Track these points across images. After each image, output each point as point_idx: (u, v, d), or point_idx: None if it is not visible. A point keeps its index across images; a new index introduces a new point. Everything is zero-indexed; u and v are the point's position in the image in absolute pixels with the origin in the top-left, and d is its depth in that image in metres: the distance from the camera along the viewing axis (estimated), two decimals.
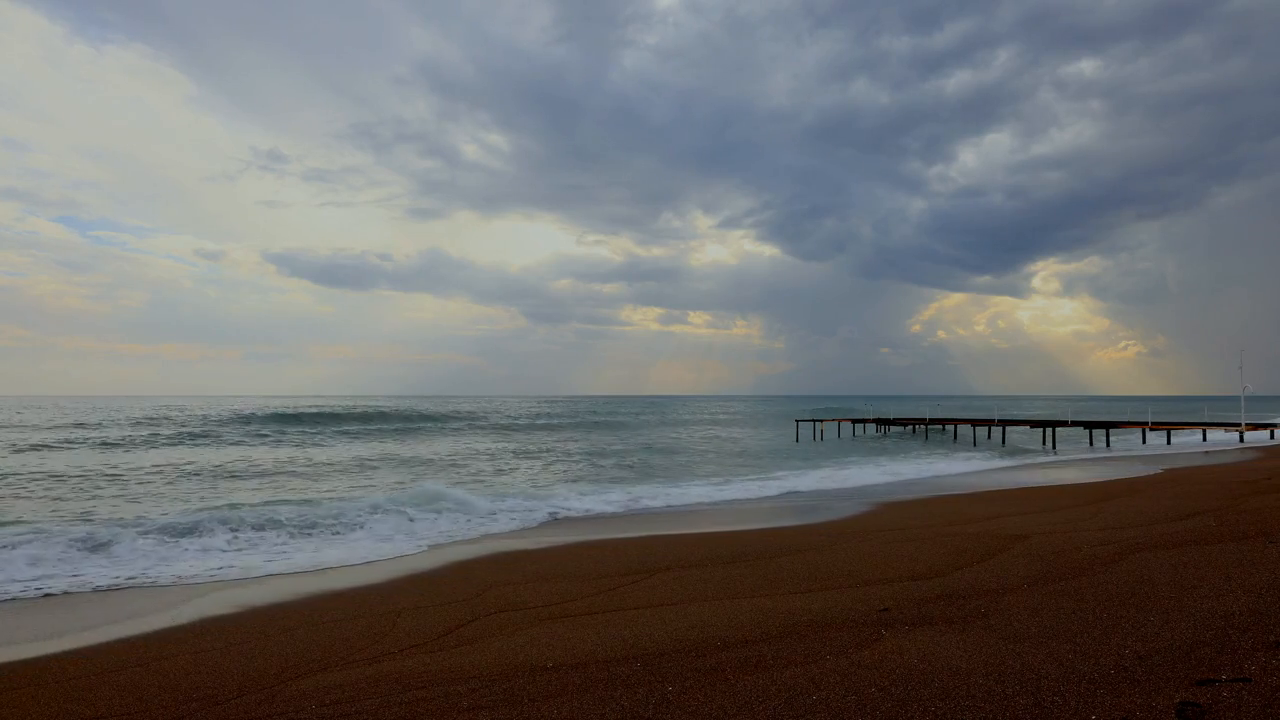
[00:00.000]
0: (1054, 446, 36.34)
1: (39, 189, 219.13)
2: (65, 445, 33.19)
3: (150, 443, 35.36)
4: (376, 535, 12.26)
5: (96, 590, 8.77)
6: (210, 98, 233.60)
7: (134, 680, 5.45)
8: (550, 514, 14.65)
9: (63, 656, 6.14)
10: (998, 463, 27.12)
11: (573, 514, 14.88)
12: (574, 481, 21.84)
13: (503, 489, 19.39)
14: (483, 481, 21.82)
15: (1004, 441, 40.36)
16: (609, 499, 17.09)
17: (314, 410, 66.73)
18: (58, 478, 21.32)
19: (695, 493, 18.51)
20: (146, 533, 11.79)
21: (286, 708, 4.69)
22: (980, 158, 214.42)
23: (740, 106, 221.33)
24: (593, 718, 4.23)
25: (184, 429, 44.66)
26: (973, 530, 10.47)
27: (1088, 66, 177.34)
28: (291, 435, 43.03)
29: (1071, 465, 24.93)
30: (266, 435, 42.03)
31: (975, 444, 39.60)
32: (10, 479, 20.96)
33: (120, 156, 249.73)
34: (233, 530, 12.14)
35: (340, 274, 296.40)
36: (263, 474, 23.36)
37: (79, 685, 5.38)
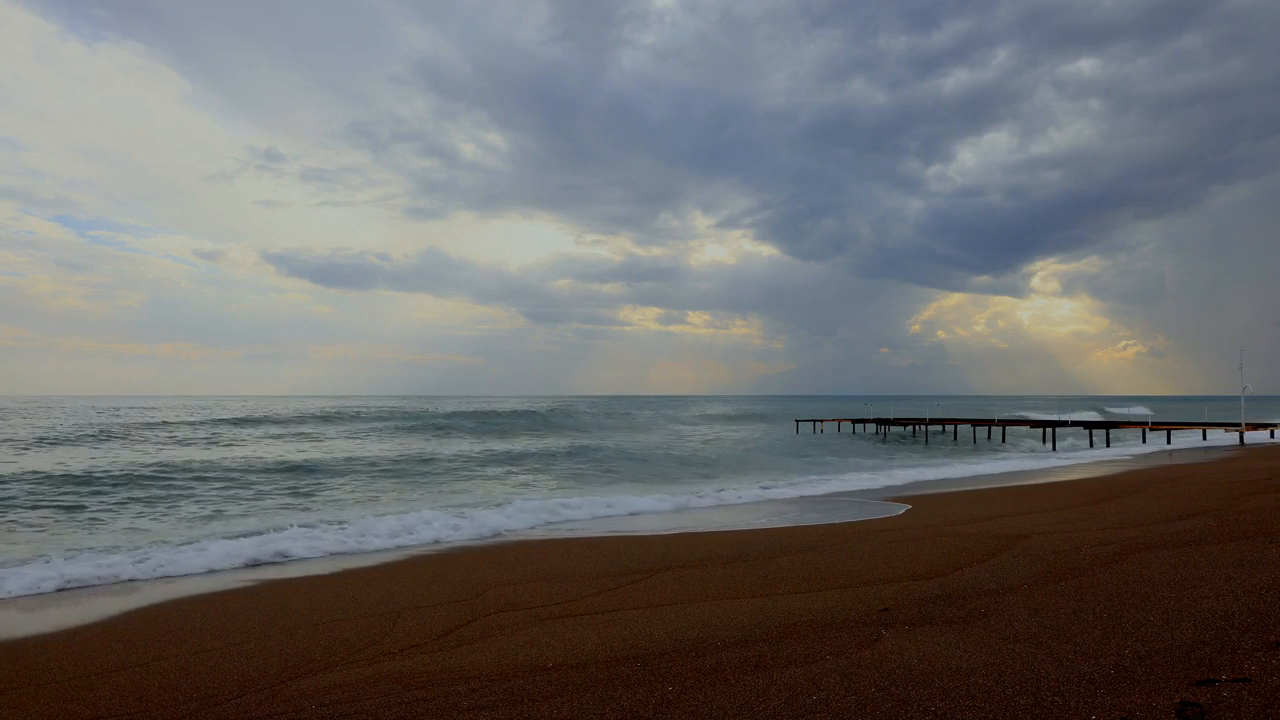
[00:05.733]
0: (1054, 447, 36.33)
1: (35, 188, 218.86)
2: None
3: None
4: None
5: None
6: (205, 96, 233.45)
7: (134, 680, 5.45)
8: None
9: (62, 656, 6.14)
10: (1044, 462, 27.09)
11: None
12: None
13: None
14: None
15: (1004, 440, 40.35)
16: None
17: (443, 412, 65.24)
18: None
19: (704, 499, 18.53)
20: None
21: (286, 708, 4.69)
22: (979, 157, 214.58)
23: (738, 106, 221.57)
24: (593, 718, 4.23)
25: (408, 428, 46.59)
26: (973, 530, 10.47)
27: (1086, 66, 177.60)
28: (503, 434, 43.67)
29: (1097, 464, 24.92)
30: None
31: (975, 444, 39.59)
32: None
33: (116, 156, 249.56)
34: None
35: (339, 274, 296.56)
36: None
37: (79, 685, 5.38)
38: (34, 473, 20.85)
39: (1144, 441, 37.06)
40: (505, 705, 4.50)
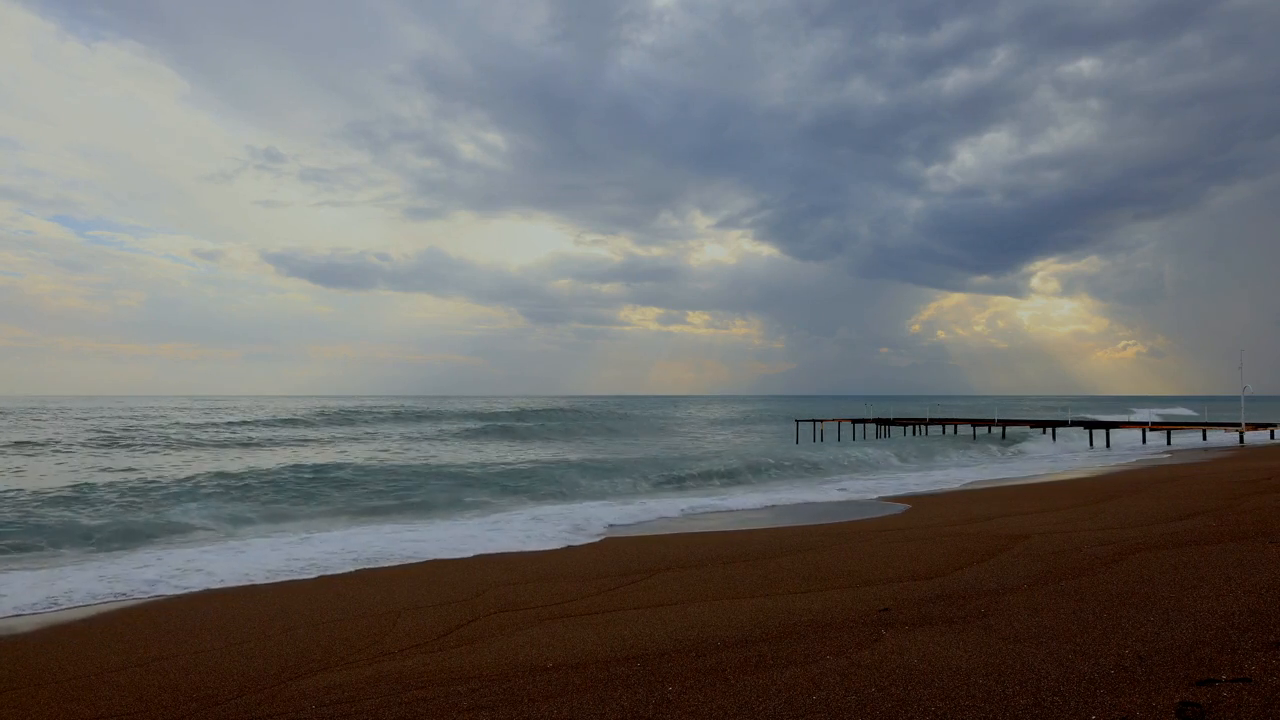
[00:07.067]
0: (1054, 441, 36.35)
1: (34, 188, 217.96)
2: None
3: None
4: None
5: None
6: (204, 96, 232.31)
7: (134, 680, 5.45)
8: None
9: (62, 656, 6.14)
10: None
11: None
12: None
13: None
14: None
15: (1004, 440, 40.33)
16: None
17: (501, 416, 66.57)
18: None
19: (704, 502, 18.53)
20: None
21: (286, 708, 4.69)
22: (978, 157, 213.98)
23: (737, 106, 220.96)
24: (593, 718, 4.23)
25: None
26: (973, 530, 10.47)
27: (1086, 66, 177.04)
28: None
29: (1100, 464, 24.92)
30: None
31: (975, 443, 39.60)
32: None
33: (115, 155, 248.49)
34: None
35: (338, 274, 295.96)
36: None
37: (79, 685, 5.38)
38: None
39: (1144, 441, 37.05)
40: (505, 705, 4.50)
